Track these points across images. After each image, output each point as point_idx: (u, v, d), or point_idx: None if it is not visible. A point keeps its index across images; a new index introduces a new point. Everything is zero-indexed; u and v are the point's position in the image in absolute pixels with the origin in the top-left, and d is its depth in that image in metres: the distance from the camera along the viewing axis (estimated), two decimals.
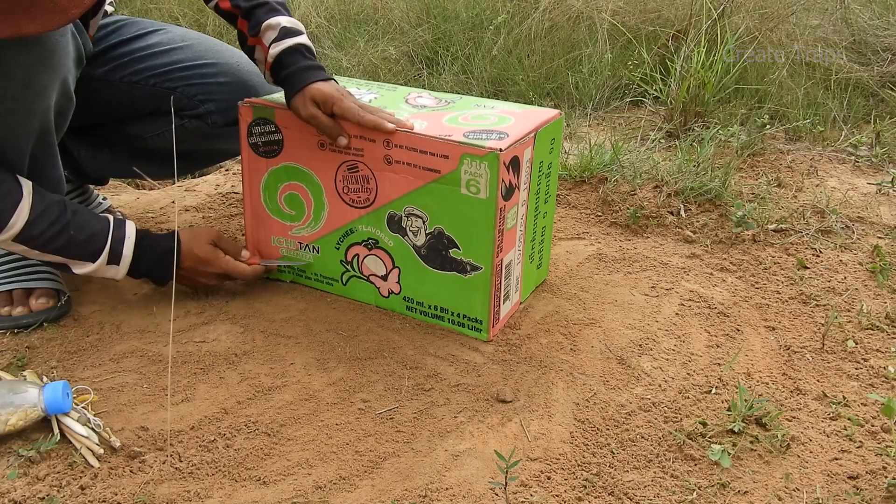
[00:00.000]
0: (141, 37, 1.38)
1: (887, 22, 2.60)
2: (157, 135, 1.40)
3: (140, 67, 1.35)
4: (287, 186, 1.30)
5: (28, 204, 1.11)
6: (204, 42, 1.40)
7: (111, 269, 1.21)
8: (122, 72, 1.35)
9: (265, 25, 1.21)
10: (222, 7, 1.25)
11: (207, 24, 2.72)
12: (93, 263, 1.19)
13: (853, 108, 2.25)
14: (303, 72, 1.19)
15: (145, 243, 1.23)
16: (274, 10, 1.23)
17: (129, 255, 1.21)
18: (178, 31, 1.42)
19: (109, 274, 1.22)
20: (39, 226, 1.13)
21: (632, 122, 2.24)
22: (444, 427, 1.04)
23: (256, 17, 1.22)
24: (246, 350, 1.20)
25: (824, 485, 0.96)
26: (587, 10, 2.58)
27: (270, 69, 1.23)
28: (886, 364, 1.20)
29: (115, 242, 1.20)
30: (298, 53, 1.21)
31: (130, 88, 1.35)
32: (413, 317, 1.28)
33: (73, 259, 1.18)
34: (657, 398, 1.11)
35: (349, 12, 2.87)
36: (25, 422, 0.98)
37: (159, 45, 1.37)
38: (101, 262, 1.19)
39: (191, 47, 1.37)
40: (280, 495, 0.92)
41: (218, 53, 1.37)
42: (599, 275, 1.45)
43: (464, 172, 1.13)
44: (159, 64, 1.35)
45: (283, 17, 1.22)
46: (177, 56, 1.36)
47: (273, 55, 1.20)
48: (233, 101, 1.30)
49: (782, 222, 1.64)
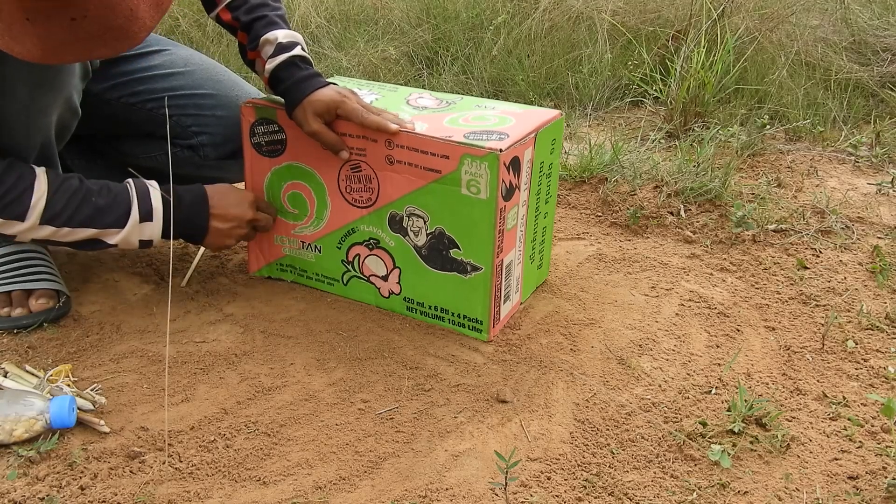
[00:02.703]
0: (144, 56, 1.36)
1: (887, 22, 2.60)
2: (150, 157, 1.39)
3: (139, 90, 1.34)
4: (290, 185, 1.30)
5: (44, 180, 1.10)
6: (206, 69, 1.38)
7: (146, 227, 1.17)
8: (120, 91, 1.34)
9: (263, 40, 1.21)
10: (224, 19, 1.26)
11: (208, 25, 2.71)
12: (125, 227, 1.15)
13: (853, 109, 2.25)
14: (300, 84, 1.19)
15: (173, 192, 1.20)
16: (272, 24, 1.23)
17: (160, 206, 1.18)
18: (183, 52, 1.40)
19: (146, 234, 1.18)
20: (60, 200, 1.11)
21: (632, 122, 2.24)
22: (444, 427, 1.04)
23: (255, 30, 1.22)
24: (246, 350, 1.20)
25: (824, 485, 0.96)
26: (587, 10, 2.58)
27: (269, 84, 1.24)
28: (886, 364, 1.20)
29: (141, 197, 1.17)
30: (293, 66, 1.20)
31: (127, 110, 1.34)
32: (413, 317, 1.28)
33: (105, 228, 1.15)
34: (657, 398, 1.11)
35: (349, 12, 2.87)
36: (30, 433, 0.98)
37: (160, 67, 1.36)
38: (134, 222, 1.16)
39: (192, 73, 1.36)
40: (280, 495, 0.92)
41: (218, 84, 1.36)
42: (599, 275, 1.45)
43: (464, 173, 1.13)
44: (158, 88, 1.34)
45: (280, 30, 1.22)
46: (176, 82, 1.35)
47: (269, 70, 1.21)
48: (227, 135, 1.30)
49: (782, 222, 1.64)
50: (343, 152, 1.20)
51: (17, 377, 1.07)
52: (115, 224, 1.16)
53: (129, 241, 1.18)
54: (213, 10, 1.26)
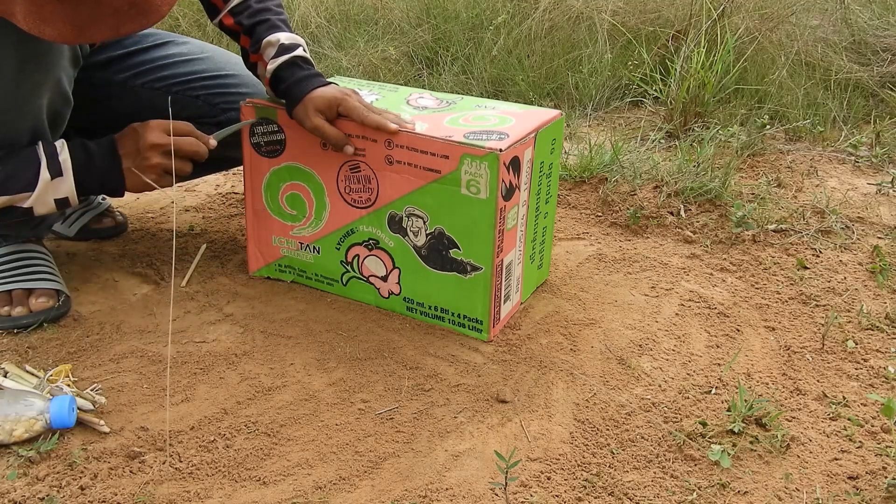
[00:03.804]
0: (159, 46, 1.39)
1: (887, 22, 2.60)
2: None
3: (163, 75, 1.36)
4: (289, 186, 1.30)
5: None
6: (223, 55, 1.42)
7: (57, 183, 1.14)
8: (143, 78, 1.36)
9: (265, 42, 1.23)
10: (226, 24, 1.27)
11: (208, 25, 2.72)
12: (36, 188, 1.12)
13: (853, 109, 2.25)
14: (301, 82, 1.20)
15: (79, 143, 1.18)
16: (274, 27, 1.24)
17: (69, 159, 1.15)
18: (197, 43, 1.44)
19: (62, 191, 1.15)
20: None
21: (632, 122, 2.24)
22: (444, 427, 1.04)
23: (258, 34, 1.24)
24: (246, 350, 1.20)
25: (824, 485, 0.96)
26: (587, 10, 2.58)
27: (270, 84, 1.25)
28: (886, 364, 1.20)
29: (49, 154, 1.14)
30: (295, 66, 1.22)
31: (152, 95, 1.36)
32: (413, 317, 1.28)
33: (17, 193, 1.12)
34: (657, 398, 1.11)
35: (349, 12, 2.87)
36: (30, 433, 0.98)
37: (180, 55, 1.39)
38: (45, 181, 1.13)
39: (211, 59, 1.39)
40: (280, 495, 0.92)
41: (237, 66, 1.39)
42: (599, 275, 1.45)
43: (464, 173, 1.13)
44: (182, 73, 1.37)
45: (282, 33, 1.24)
46: (198, 66, 1.38)
47: (270, 70, 1.22)
48: None
49: (782, 222, 1.64)
50: (348, 147, 1.20)
51: (17, 377, 1.07)
52: (26, 188, 1.13)
53: (45, 202, 1.15)
54: (216, 16, 1.28)
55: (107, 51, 1.37)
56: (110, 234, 1.54)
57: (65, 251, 1.48)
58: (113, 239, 1.54)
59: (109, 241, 1.53)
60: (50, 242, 1.49)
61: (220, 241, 1.53)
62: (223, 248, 1.51)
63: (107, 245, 1.52)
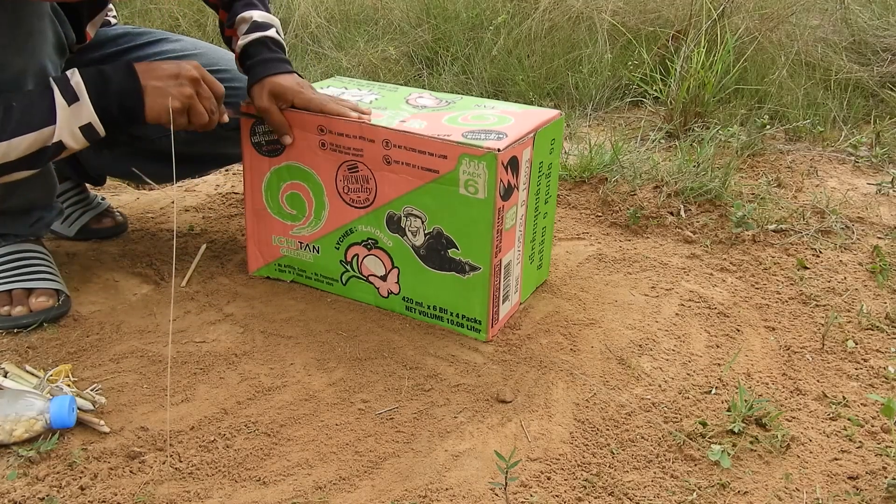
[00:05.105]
0: (153, 43, 1.41)
1: (887, 22, 2.60)
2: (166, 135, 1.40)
3: None
4: (289, 186, 1.30)
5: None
6: (216, 51, 1.44)
7: (75, 109, 1.09)
8: None
9: (239, 18, 1.27)
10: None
11: (208, 25, 2.72)
12: (56, 117, 1.08)
13: (853, 109, 2.25)
14: (264, 63, 1.24)
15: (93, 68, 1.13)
16: (251, 5, 1.29)
17: (81, 82, 1.10)
18: (190, 40, 1.45)
19: (83, 117, 1.10)
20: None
21: (632, 122, 2.24)
22: (444, 427, 1.04)
23: (235, 9, 1.29)
24: (246, 350, 1.20)
25: (824, 485, 0.96)
26: (587, 10, 2.58)
27: (238, 59, 1.28)
28: (886, 364, 1.20)
29: (59, 81, 1.09)
30: (264, 46, 1.25)
31: None
32: (412, 317, 1.28)
33: (38, 129, 1.08)
34: (657, 398, 1.11)
35: (349, 12, 2.87)
36: (30, 433, 0.98)
37: (173, 52, 1.40)
38: (63, 107, 1.08)
39: (204, 54, 1.41)
40: (280, 495, 0.92)
41: (230, 62, 1.40)
42: (599, 275, 1.45)
43: (462, 172, 1.13)
44: None
45: (257, 11, 1.28)
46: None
47: (240, 46, 1.26)
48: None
49: (782, 222, 1.64)
50: (286, 137, 1.24)
51: (17, 377, 1.07)
52: (47, 119, 1.09)
53: (72, 132, 1.11)
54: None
55: (101, 49, 1.37)
56: (110, 234, 1.55)
57: (65, 251, 1.48)
58: (113, 239, 1.54)
59: (109, 241, 1.53)
60: (50, 242, 1.49)
61: (220, 241, 1.53)
62: (223, 248, 1.51)
63: (107, 245, 1.52)
